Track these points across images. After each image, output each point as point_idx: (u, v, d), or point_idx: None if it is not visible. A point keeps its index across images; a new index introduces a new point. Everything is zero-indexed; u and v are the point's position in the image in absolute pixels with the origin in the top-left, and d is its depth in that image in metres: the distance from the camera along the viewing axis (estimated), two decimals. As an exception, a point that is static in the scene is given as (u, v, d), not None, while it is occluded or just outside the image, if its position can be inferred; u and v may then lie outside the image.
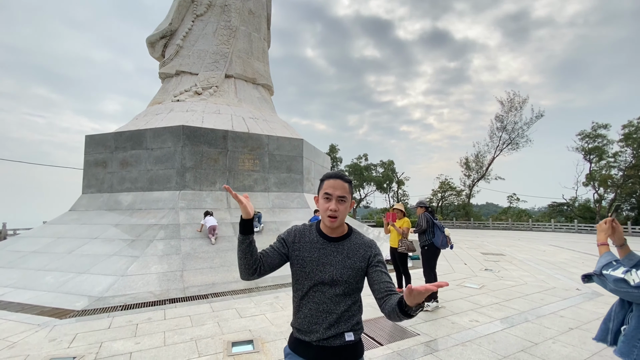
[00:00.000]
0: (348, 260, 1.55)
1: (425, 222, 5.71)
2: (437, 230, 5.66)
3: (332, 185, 1.57)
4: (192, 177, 9.77)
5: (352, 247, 1.60)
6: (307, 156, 12.19)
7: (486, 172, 36.83)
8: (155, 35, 13.16)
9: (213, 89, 12.52)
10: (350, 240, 1.63)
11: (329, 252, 1.58)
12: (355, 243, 1.62)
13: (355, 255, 1.57)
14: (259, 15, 14.46)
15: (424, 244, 5.67)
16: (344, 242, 1.62)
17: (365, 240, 1.64)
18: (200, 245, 7.99)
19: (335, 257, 1.56)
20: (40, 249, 8.24)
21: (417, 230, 5.76)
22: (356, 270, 1.53)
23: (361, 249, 1.59)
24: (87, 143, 10.80)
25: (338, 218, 1.55)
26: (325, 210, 1.56)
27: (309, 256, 1.58)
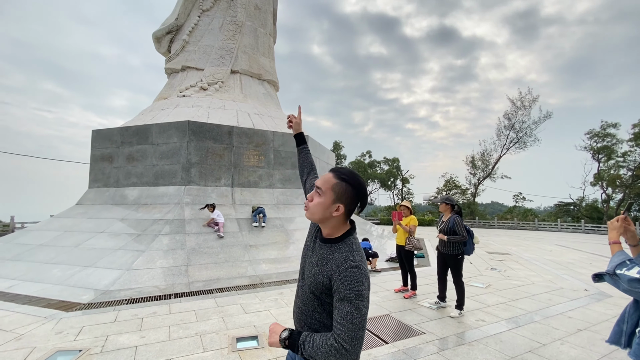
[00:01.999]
0: (315, 268, 1.36)
1: (465, 230, 4.89)
2: (469, 236, 4.97)
3: (320, 177, 1.45)
4: (198, 173, 9.79)
5: (326, 256, 1.35)
6: (311, 152, 12.14)
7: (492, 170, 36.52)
8: (162, 30, 13.15)
9: (219, 85, 12.50)
10: (332, 247, 1.36)
11: (313, 249, 1.45)
12: (332, 254, 1.34)
13: (324, 266, 1.33)
14: (265, 11, 14.37)
15: (456, 253, 4.94)
16: (323, 246, 1.40)
17: (340, 256, 1.31)
18: (205, 241, 8.01)
19: (312, 257, 1.42)
20: (48, 242, 8.32)
21: (459, 239, 4.85)
22: (318, 283, 1.31)
23: (329, 264, 1.31)
24: (94, 138, 10.86)
25: (309, 210, 1.39)
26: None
27: (307, 241, 1.54)
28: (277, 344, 1.31)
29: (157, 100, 12.97)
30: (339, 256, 1.31)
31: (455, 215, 4.99)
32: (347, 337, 1.15)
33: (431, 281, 7.06)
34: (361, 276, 1.23)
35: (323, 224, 1.41)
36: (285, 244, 8.76)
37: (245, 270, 7.36)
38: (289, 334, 1.29)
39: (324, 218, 1.37)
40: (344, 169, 1.43)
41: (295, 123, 2.02)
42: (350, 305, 1.18)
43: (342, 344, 1.14)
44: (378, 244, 11.00)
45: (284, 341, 1.28)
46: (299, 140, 2.03)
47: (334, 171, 1.40)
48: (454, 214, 5.05)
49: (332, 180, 1.37)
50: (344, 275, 1.23)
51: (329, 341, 1.17)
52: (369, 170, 41.40)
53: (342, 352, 1.15)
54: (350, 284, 1.21)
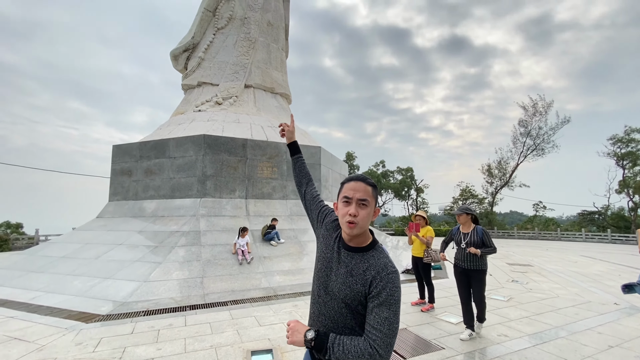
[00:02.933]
0: (349, 278, 1.33)
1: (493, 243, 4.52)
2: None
3: (352, 187, 1.40)
4: (213, 185, 9.95)
5: (360, 265, 1.34)
6: (324, 164, 12.18)
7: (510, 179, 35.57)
8: (179, 48, 13.67)
9: (233, 99, 12.81)
10: (365, 256, 1.37)
11: (338, 260, 1.41)
12: (367, 261, 1.34)
13: (359, 275, 1.31)
14: (278, 27, 14.75)
15: (483, 268, 4.55)
16: (355, 255, 1.38)
17: (379, 263, 1.32)
18: (220, 252, 8.07)
19: (340, 268, 1.38)
20: (69, 255, 8.57)
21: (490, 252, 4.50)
22: (355, 293, 1.29)
23: (368, 271, 1.31)
24: (114, 153, 11.25)
25: (358, 225, 1.34)
26: (344, 216, 1.38)
27: (325, 252, 1.48)
28: (300, 343, 1.29)
29: (174, 115, 13.39)
30: (376, 262, 1.33)
31: (479, 227, 4.63)
32: (382, 343, 1.16)
33: (449, 294, 6.85)
34: (399, 282, 1.28)
35: (361, 234, 1.41)
36: (299, 255, 8.72)
37: (259, 282, 7.34)
38: (315, 334, 1.28)
39: (366, 227, 1.39)
40: (362, 175, 1.46)
41: (288, 131, 2.00)
42: (389, 311, 1.20)
43: (377, 349, 1.16)
44: (393, 255, 10.81)
45: (310, 342, 1.26)
46: (292, 149, 2.00)
47: (361, 180, 1.43)
48: (474, 224, 4.71)
49: (369, 189, 1.41)
50: (385, 281, 1.25)
51: (363, 346, 1.18)
52: (382, 181, 41.09)
53: (375, 357, 1.16)
54: (392, 289, 1.24)
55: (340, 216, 1.42)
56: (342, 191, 1.45)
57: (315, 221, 1.72)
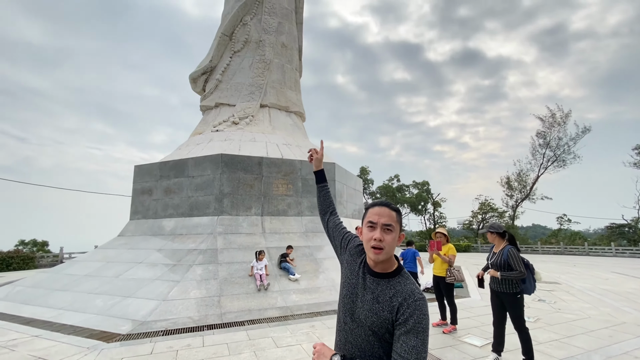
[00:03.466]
0: (376, 304, 1.31)
1: (523, 265, 4.03)
2: (528, 272, 4.10)
3: (377, 212, 1.41)
4: (230, 203, 10.11)
5: (387, 291, 1.33)
6: (339, 179, 12.20)
7: (530, 191, 34.49)
8: (197, 71, 14.25)
9: (249, 119, 13.14)
10: (391, 282, 1.36)
11: (364, 286, 1.40)
12: (393, 287, 1.33)
13: (385, 301, 1.30)
14: (291, 48, 15.21)
15: (515, 291, 4.08)
16: (381, 281, 1.37)
17: (406, 289, 1.31)
18: (237, 271, 8.10)
19: (366, 295, 1.37)
20: (92, 273, 8.80)
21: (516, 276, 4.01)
22: (382, 320, 1.28)
23: (395, 298, 1.29)
24: (136, 173, 11.65)
25: (384, 250, 1.35)
26: (369, 241, 1.38)
27: (350, 278, 1.47)
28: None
29: (193, 136, 13.82)
30: (403, 289, 1.31)
31: (509, 246, 4.18)
32: None
33: (472, 314, 6.60)
34: (427, 310, 1.26)
35: (387, 259, 1.41)
36: (314, 273, 8.65)
37: (276, 300, 7.29)
38: (341, 359, 1.29)
39: (392, 252, 1.40)
40: (386, 200, 1.49)
41: (316, 159, 1.98)
42: (416, 339, 1.19)
43: None
44: (411, 272, 10.54)
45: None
46: (319, 177, 1.98)
47: (385, 205, 1.44)
48: (506, 243, 4.24)
49: (393, 214, 1.42)
50: (413, 307, 1.24)
51: None
52: (397, 195, 40.63)
53: None
54: (419, 317, 1.23)
55: (365, 241, 1.42)
56: (367, 216, 1.45)
57: (338, 247, 1.72)
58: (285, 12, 15.05)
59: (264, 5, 14.43)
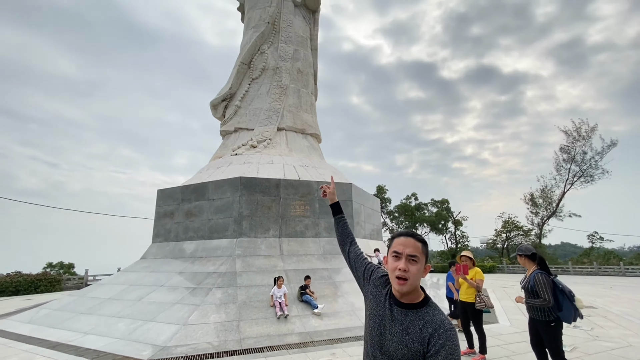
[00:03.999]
0: (406, 336, 1.31)
1: (550, 292, 3.75)
2: (565, 298, 3.77)
3: (402, 242, 1.42)
4: (248, 225, 10.21)
5: (416, 322, 1.32)
6: (356, 200, 12.14)
7: (557, 208, 33.02)
8: (218, 98, 14.88)
9: (267, 142, 13.48)
10: (419, 313, 1.35)
11: (392, 318, 1.39)
12: (422, 318, 1.32)
13: (415, 333, 1.29)
14: (307, 73, 15.70)
15: (547, 319, 3.84)
16: (409, 312, 1.36)
17: (436, 320, 1.30)
18: (255, 294, 8.07)
19: (395, 327, 1.36)
20: (115, 296, 8.97)
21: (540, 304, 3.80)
22: (413, 352, 1.27)
23: (425, 329, 1.28)
24: (159, 196, 12.04)
25: (408, 281, 1.35)
26: (393, 270, 1.39)
27: (376, 310, 1.46)
28: None
29: (213, 159, 14.25)
30: (432, 319, 1.31)
31: (537, 271, 3.91)
32: None
33: (502, 342, 6.24)
34: (458, 340, 1.26)
35: (414, 291, 1.41)
36: (333, 297, 8.48)
37: (294, 325, 7.17)
38: None
39: (417, 284, 1.40)
40: (412, 231, 1.51)
41: (329, 193, 2.08)
42: None
43: None
44: (434, 294, 10.17)
45: None
46: (335, 209, 2.05)
47: (411, 235, 1.46)
48: (536, 267, 4.00)
49: (419, 245, 1.42)
50: (444, 338, 1.24)
51: None
52: (416, 214, 39.80)
53: None
54: (451, 347, 1.23)
55: (390, 271, 1.43)
56: (392, 246, 1.47)
57: (361, 279, 1.72)
58: (300, 39, 15.66)
59: (280, 35, 15.10)
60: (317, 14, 16.77)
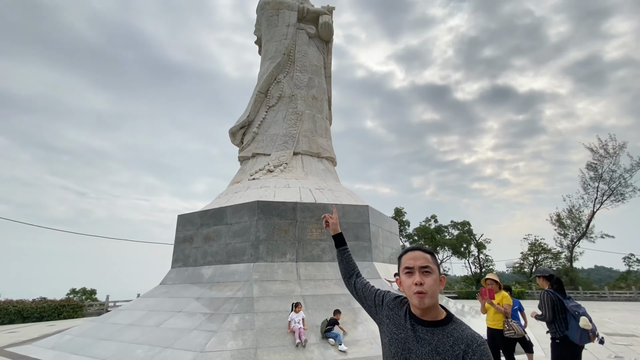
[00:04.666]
0: (436, 357, 1.25)
1: (550, 308, 4.02)
2: (571, 318, 3.92)
3: (411, 257, 1.41)
4: (265, 249, 10.22)
5: (445, 340, 1.27)
6: (373, 222, 11.99)
7: (587, 229, 31.30)
8: (236, 126, 15.46)
9: (283, 166, 13.74)
10: (446, 330, 1.30)
11: (417, 339, 1.33)
12: (451, 335, 1.28)
13: (447, 352, 1.24)
14: (321, 99, 16.17)
15: (554, 336, 4.08)
16: (435, 331, 1.31)
17: (466, 335, 1.26)
18: (273, 321, 7.92)
19: (422, 348, 1.29)
20: (134, 322, 9.02)
21: (540, 319, 4.22)
22: None
23: (456, 346, 1.24)
24: (179, 222, 12.31)
25: (427, 294, 1.32)
26: (410, 287, 1.35)
27: (397, 334, 1.39)
28: None
29: (231, 184, 14.59)
30: (463, 335, 1.27)
31: (546, 290, 4.21)
32: None
33: (535, 373, 5.79)
34: (491, 355, 1.24)
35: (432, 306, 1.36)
36: (353, 324, 8.21)
37: (313, 354, 6.94)
38: None
39: (436, 297, 1.36)
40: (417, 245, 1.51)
41: (332, 223, 2.01)
42: None
43: None
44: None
45: None
46: (338, 240, 1.97)
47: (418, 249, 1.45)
48: (549, 287, 4.25)
49: (427, 256, 1.41)
50: (479, 353, 1.21)
51: None
52: (437, 237, 38.60)
53: None
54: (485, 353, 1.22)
55: (407, 288, 1.39)
56: (402, 263, 1.44)
57: (373, 306, 1.67)
58: (314, 68, 16.28)
59: (295, 64, 15.77)
60: (330, 44, 17.46)
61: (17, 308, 16.07)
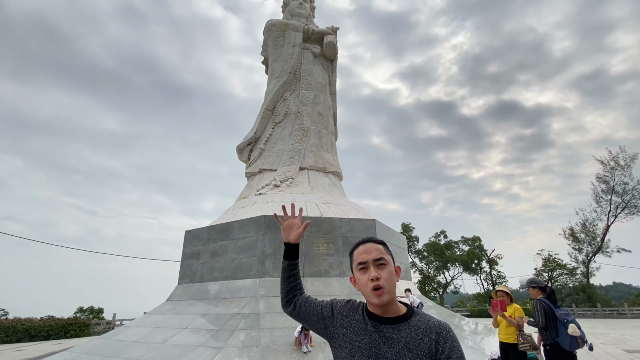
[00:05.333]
0: (409, 354, 1.16)
1: (542, 315, 4.37)
2: (561, 325, 4.25)
3: (363, 251, 1.32)
4: (272, 264, 10.16)
5: (414, 334, 1.19)
6: (380, 236, 11.84)
7: (602, 243, 30.39)
8: (243, 143, 15.76)
9: (289, 181, 13.85)
10: (411, 323, 1.22)
11: (383, 339, 1.21)
12: (419, 328, 1.20)
13: (419, 346, 1.16)
14: (327, 115, 16.46)
15: (545, 342, 4.42)
16: (401, 327, 1.22)
17: (433, 324, 1.20)
18: (279, 337, 7.79)
19: (391, 348, 1.19)
20: (140, 339, 8.95)
21: (533, 325, 4.53)
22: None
23: (426, 337, 1.17)
24: (186, 237, 12.38)
25: (384, 288, 1.23)
26: (366, 283, 1.26)
27: (358, 340, 1.25)
28: None
29: (238, 200, 14.70)
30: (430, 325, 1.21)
31: (538, 299, 4.63)
32: None
33: (552, 392, 5.53)
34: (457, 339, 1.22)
35: (391, 301, 1.27)
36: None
37: (321, 371, 6.76)
38: None
39: (394, 291, 1.27)
40: (368, 237, 1.40)
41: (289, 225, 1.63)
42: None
43: None
44: (472, 343, 9.31)
45: None
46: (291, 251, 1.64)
47: (368, 240, 1.36)
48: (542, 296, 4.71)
49: (380, 247, 1.31)
50: (450, 341, 1.17)
51: None
52: (447, 253, 37.81)
53: None
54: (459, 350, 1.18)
55: (363, 286, 1.30)
56: (354, 259, 1.36)
57: (321, 320, 1.47)
58: (320, 86, 16.65)
59: (301, 82, 16.18)
60: (334, 62, 17.90)
61: (25, 326, 16.08)
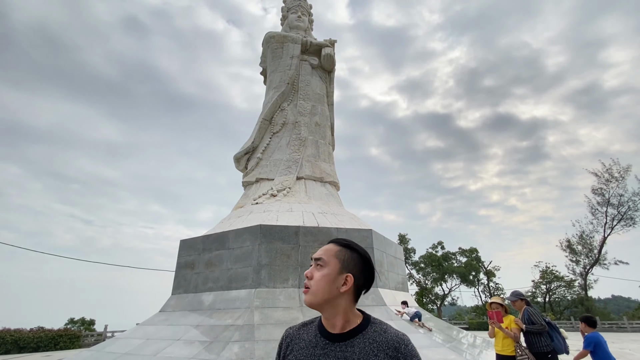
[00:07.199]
0: None
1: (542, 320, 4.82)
2: (553, 330, 4.70)
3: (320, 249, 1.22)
4: (267, 274, 10.04)
5: (369, 350, 1.05)
6: (377, 247, 11.80)
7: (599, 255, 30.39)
8: (241, 152, 15.78)
9: (286, 190, 13.82)
10: (366, 336, 1.09)
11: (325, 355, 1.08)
12: (372, 341, 1.06)
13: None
14: (324, 126, 16.58)
15: (544, 350, 4.55)
16: (355, 342, 1.08)
17: (390, 337, 1.06)
18: (273, 349, 7.63)
19: None
20: (132, 351, 8.74)
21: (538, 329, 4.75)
22: None
23: (382, 353, 1.03)
24: (181, 247, 12.24)
25: (311, 289, 1.12)
26: None
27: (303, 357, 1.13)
28: None
29: (234, 209, 14.63)
30: (386, 338, 1.07)
31: (527, 307, 4.98)
32: None
33: (551, 407, 5.43)
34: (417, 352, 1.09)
35: (330, 310, 1.13)
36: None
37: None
38: None
39: (330, 298, 1.12)
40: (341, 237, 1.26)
41: None
42: None
43: None
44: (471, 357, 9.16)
45: None
46: None
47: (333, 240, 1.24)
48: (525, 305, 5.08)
49: (331, 246, 1.19)
50: (410, 355, 1.03)
51: None
52: (444, 264, 37.62)
53: None
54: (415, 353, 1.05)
55: None
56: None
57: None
58: (317, 96, 16.83)
59: (299, 93, 16.35)
60: (332, 74, 18.15)
61: (14, 337, 15.67)
